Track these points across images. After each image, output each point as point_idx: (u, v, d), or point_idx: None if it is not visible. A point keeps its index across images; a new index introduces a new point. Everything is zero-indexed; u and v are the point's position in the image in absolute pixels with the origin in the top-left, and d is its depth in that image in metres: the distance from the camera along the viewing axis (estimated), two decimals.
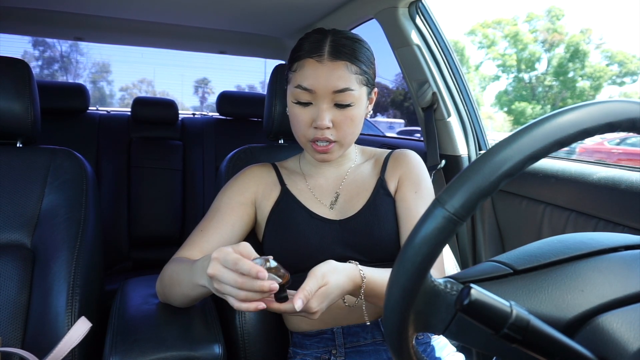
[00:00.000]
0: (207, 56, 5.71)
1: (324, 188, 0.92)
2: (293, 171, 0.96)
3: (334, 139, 0.83)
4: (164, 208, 2.10)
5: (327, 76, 0.79)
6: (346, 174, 0.93)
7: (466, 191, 0.36)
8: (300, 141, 0.88)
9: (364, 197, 0.89)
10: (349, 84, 0.80)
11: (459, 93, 1.42)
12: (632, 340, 0.36)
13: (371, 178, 0.92)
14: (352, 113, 0.82)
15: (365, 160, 0.96)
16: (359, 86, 0.82)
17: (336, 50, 0.80)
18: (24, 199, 0.96)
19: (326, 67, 0.80)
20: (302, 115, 0.83)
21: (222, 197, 0.91)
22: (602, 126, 0.37)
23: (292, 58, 0.85)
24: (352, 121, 0.83)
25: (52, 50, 18.47)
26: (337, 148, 0.85)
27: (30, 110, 0.98)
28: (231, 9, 1.63)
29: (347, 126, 0.83)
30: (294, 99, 0.83)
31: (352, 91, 0.81)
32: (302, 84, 0.81)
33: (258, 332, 0.92)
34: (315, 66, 0.80)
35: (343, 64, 0.80)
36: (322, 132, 0.82)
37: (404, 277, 0.38)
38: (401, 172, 0.91)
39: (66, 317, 0.87)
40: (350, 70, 0.81)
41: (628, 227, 0.89)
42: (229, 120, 2.33)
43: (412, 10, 1.37)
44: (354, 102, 0.82)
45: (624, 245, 0.47)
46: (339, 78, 0.80)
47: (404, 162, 0.92)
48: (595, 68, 17.09)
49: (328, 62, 0.80)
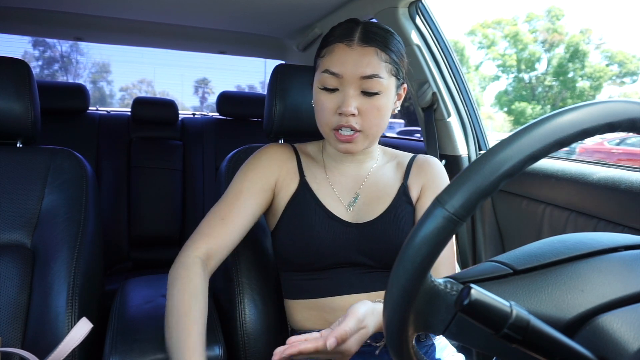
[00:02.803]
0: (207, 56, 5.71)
1: (343, 185, 0.89)
2: (313, 159, 0.92)
3: (359, 127, 0.80)
4: (164, 208, 2.10)
5: (355, 61, 0.78)
6: (368, 174, 0.90)
7: (466, 191, 0.36)
8: (323, 131, 0.84)
9: (385, 203, 0.87)
10: (377, 71, 0.78)
11: (459, 93, 1.42)
12: (632, 340, 0.36)
13: (394, 183, 0.89)
14: (379, 103, 0.79)
15: (388, 162, 0.93)
16: (388, 75, 0.80)
17: (367, 36, 0.79)
18: (24, 199, 0.96)
19: (355, 52, 0.78)
20: (328, 102, 0.80)
21: (243, 180, 0.86)
22: (602, 126, 0.37)
23: (322, 45, 0.84)
24: (378, 111, 0.80)
25: (52, 50, 18.47)
26: (362, 139, 0.82)
27: (30, 110, 0.98)
28: (231, 9, 1.63)
29: (373, 116, 0.80)
30: (321, 84, 0.81)
31: (381, 79, 0.78)
32: (330, 68, 0.79)
33: (258, 332, 0.92)
34: (344, 51, 0.79)
35: (373, 50, 0.78)
36: (347, 119, 0.79)
37: (404, 277, 0.38)
38: (424, 181, 0.89)
39: (66, 317, 0.87)
40: (380, 57, 0.78)
41: (628, 227, 0.88)
42: (229, 120, 2.33)
43: (412, 10, 1.37)
44: (382, 91, 0.79)
45: (624, 245, 0.47)
46: (368, 64, 0.78)
47: (428, 170, 0.90)
48: (595, 68, 17.09)
49: (358, 47, 0.78)
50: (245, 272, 0.95)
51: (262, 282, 0.96)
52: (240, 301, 0.92)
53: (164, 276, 1.06)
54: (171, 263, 0.81)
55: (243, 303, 0.92)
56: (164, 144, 2.18)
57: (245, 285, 0.94)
